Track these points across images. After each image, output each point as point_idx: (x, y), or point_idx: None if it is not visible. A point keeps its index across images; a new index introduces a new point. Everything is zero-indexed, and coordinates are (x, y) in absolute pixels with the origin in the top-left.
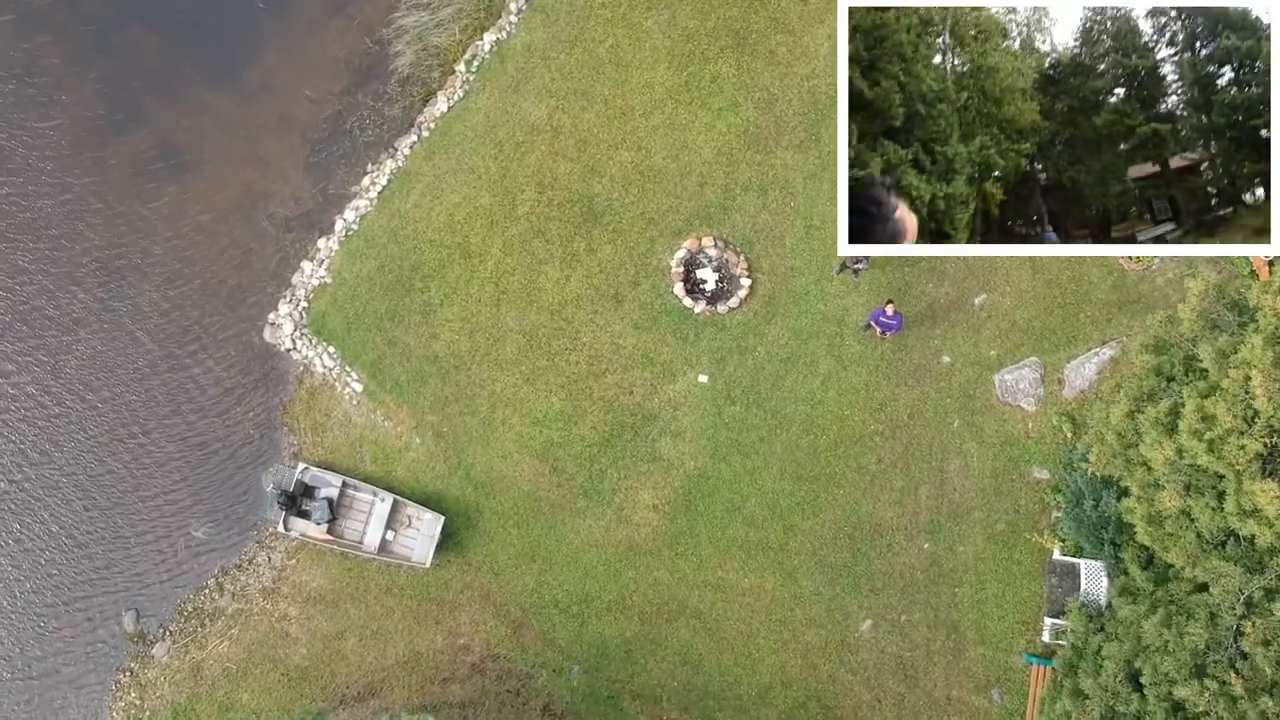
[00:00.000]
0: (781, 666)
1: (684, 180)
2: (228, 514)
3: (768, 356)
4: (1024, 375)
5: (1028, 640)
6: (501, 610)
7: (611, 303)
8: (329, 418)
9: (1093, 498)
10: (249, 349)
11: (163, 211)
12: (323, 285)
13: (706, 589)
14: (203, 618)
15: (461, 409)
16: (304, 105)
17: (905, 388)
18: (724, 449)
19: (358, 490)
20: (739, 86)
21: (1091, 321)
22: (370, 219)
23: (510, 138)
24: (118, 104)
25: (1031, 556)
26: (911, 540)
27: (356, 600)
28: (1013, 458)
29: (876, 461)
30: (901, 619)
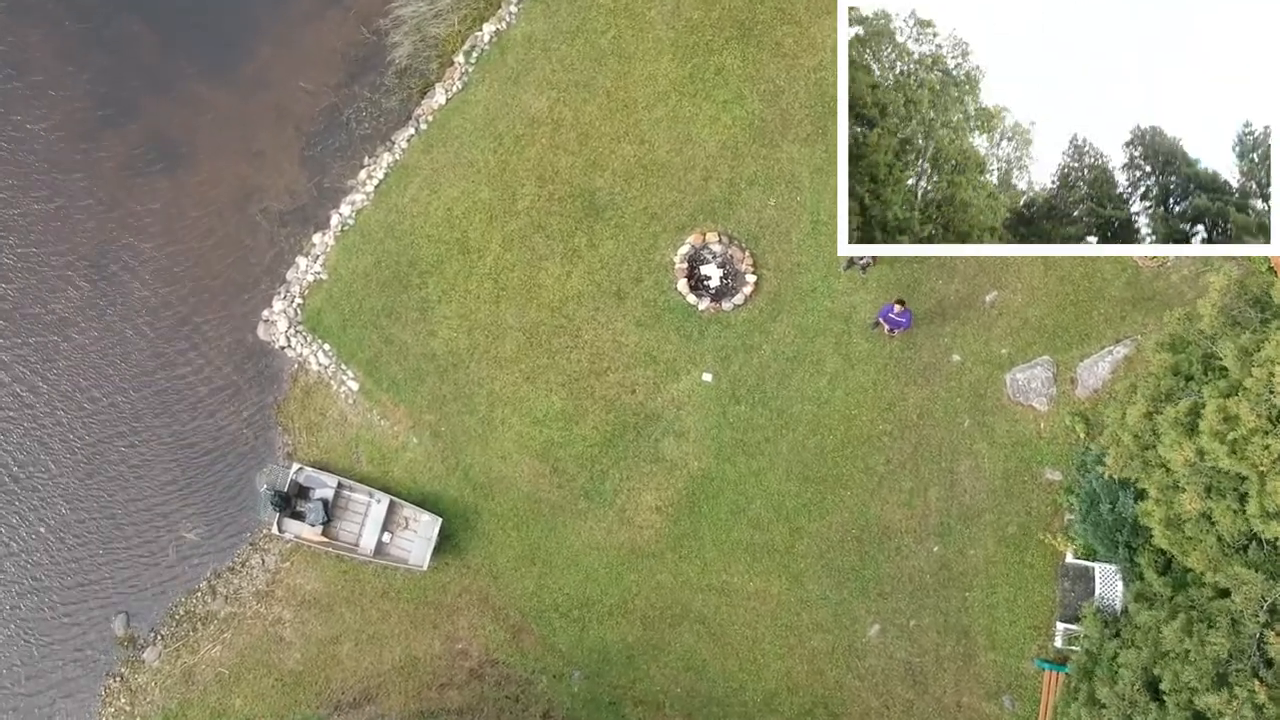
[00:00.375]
0: (787, 672)
1: (688, 174)
2: (220, 515)
3: (773, 355)
4: (1036, 374)
5: (1040, 646)
6: (500, 614)
7: (613, 299)
8: (324, 417)
9: (1108, 500)
10: (242, 346)
11: (154, 207)
12: (318, 281)
13: (710, 593)
14: (194, 621)
15: (460, 408)
16: (299, 97)
17: (914, 387)
18: (728, 449)
19: (353, 491)
20: (744, 79)
21: (1105, 319)
22: (367, 214)
23: (510, 131)
24: (108, 97)
25: (1044, 560)
26: (921, 543)
27: (352, 604)
28: (1024, 459)
29: (885, 462)
30: (910, 624)
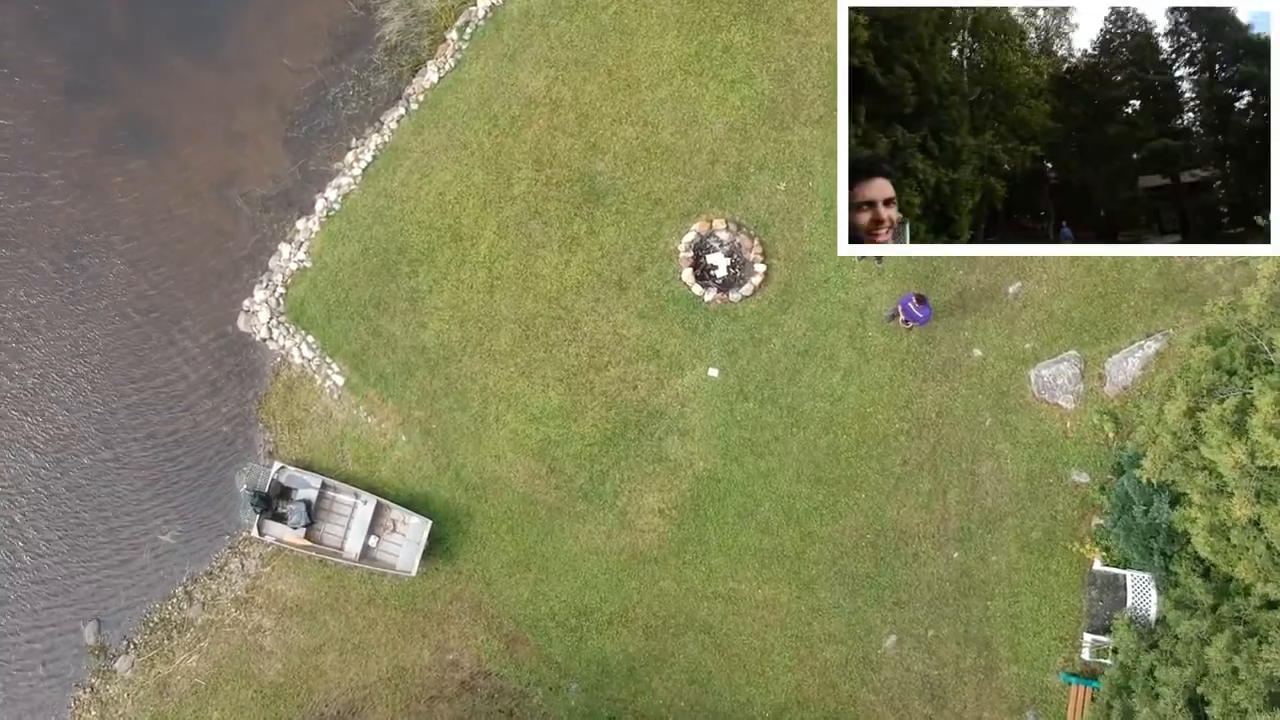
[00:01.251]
0: (798, 685)
1: (693, 158)
2: (197, 517)
3: (784, 349)
4: (1062, 370)
5: (1066, 658)
6: (494, 623)
7: (614, 290)
8: (308, 413)
9: (1142, 503)
10: (221, 338)
11: (129, 191)
12: (302, 270)
13: (717, 601)
14: (170, 629)
15: (451, 404)
16: (283, 76)
17: (933, 383)
18: (736, 449)
19: (338, 492)
20: (753, 57)
21: (1135, 312)
22: (354, 198)
23: (506, 111)
24: (79, 75)
25: (1070, 567)
26: (940, 549)
27: (336, 611)
28: (1050, 459)
29: (902, 463)
30: (928, 634)
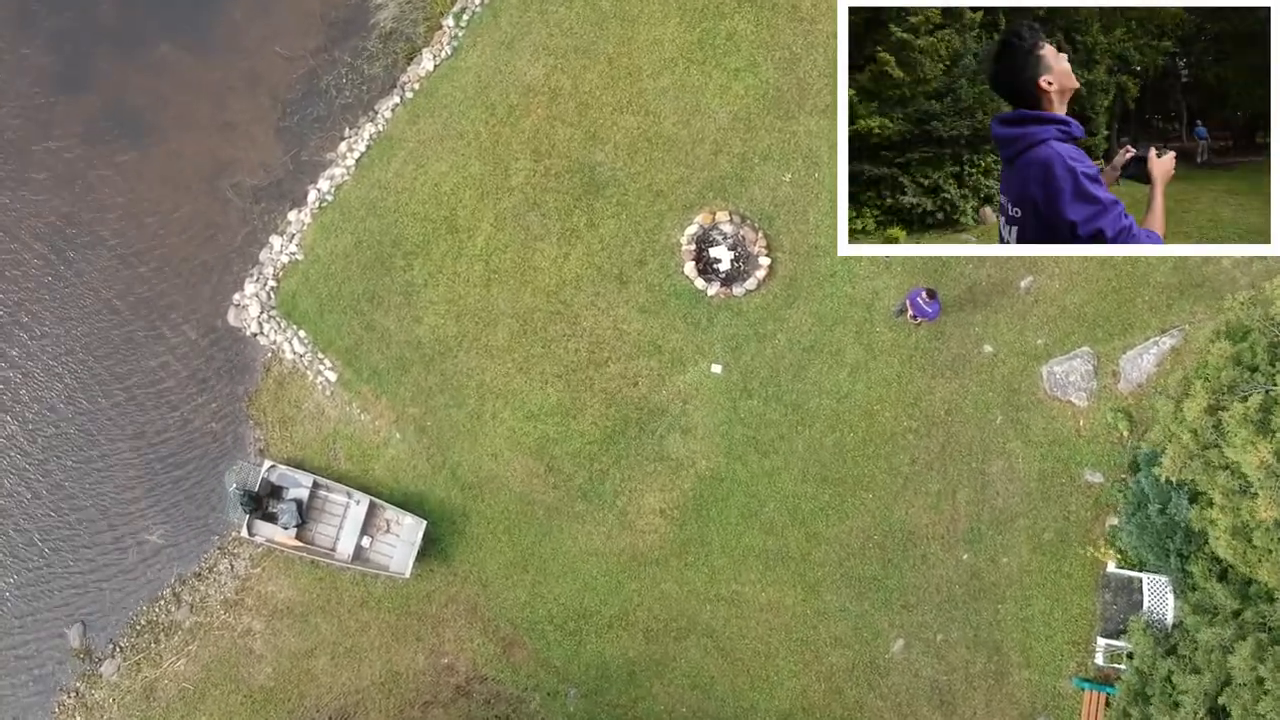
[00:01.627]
0: (803, 691)
1: (696, 148)
2: (185, 517)
3: (789, 344)
4: (1075, 367)
5: (1079, 663)
6: (490, 626)
7: (615, 284)
8: (299, 410)
9: (1159, 502)
10: (211, 333)
11: (116, 182)
12: (293, 262)
13: (719, 604)
14: (157, 632)
15: (447, 401)
16: (275, 63)
17: (942, 380)
18: (739, 447)
19: (330, 491)
20: (758, 44)
21: (1150, 307)
22: (347, 189)
23: (503, 100)
24: (64, 62)
25: (1083, 569)
26: (949, 551)
27: (328, 614)
28: (1062, 459)
29: (910, 462)
30: (937, 639)
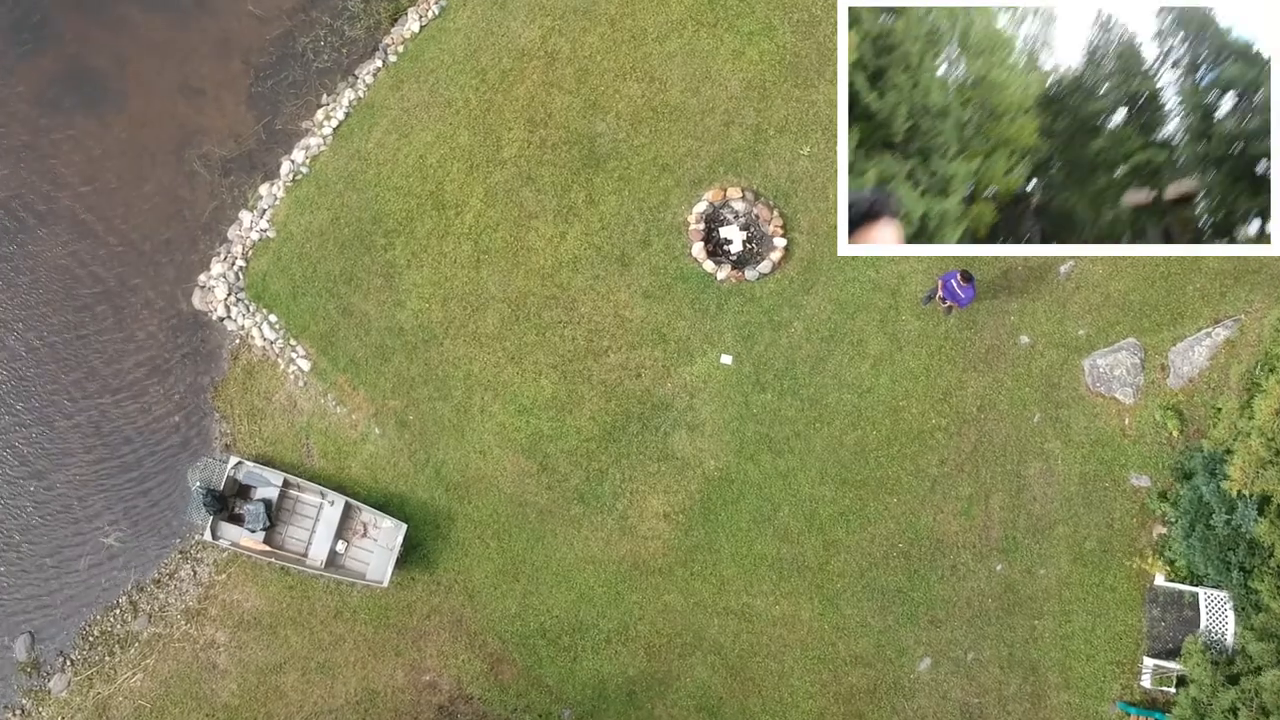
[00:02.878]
0: (820, 714)
1: (706, 119)
2: (144, 518)
3: (806, 334)
4: (1120, 360)
5: (1123, 686)
6: (476, 641)
7: (616, 266)
8: (269, 401)
9: (1224, 510)
10: (174, 317)
11: (72, 152)
12: (264, 240)
13: (728, 617)
14: (111, 644)
15: (431, 393)
16: (247, 24)
17: (974, 374)
18: (751, 446)
19: (302, 491)
20: (774, 5)
21: (1201, 295)
22: (324, 161)
23: (495, 64)
24: (19, 19)
25: (1128, 582)
26: (981, 561)
27: (299, 626)
28: (1105, 460)
29: (939, 463)
30: (968, 657)
